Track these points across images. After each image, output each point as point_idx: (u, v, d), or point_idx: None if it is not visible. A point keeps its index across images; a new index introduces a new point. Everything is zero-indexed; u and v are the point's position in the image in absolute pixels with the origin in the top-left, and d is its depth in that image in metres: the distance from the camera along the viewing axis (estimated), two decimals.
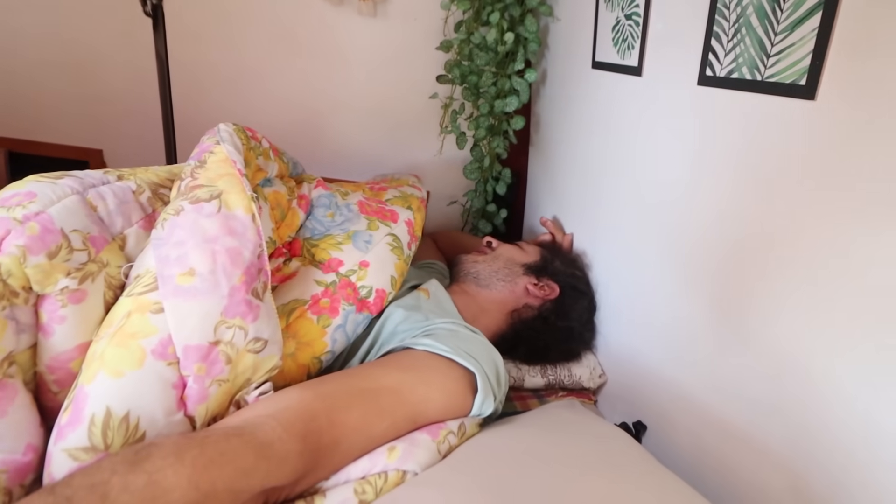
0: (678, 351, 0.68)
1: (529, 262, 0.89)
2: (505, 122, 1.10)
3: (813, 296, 0.48)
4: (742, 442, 0.57)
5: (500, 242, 0.96)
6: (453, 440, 0.60)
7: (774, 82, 0.50)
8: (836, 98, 0.45)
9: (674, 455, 0.68)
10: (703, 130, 0.62)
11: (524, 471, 0.54)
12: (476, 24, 1.02)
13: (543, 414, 0.73)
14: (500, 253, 0.92)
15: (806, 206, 0.49)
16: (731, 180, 0.58)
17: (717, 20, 0.58)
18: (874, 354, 0.43)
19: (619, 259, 0.84)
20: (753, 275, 0.55)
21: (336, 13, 1.10)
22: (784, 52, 0.49)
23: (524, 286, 0.85)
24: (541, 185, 1.18)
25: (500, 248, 0.94)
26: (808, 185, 0.49)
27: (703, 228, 0.63)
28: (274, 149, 0.82)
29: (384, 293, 0.74)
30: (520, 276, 0.87)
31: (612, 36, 0.81)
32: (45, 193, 0.53)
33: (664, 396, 0.71)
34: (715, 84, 0.59)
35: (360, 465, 0.52)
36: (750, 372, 0.56)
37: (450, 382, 0.63)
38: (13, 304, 0.48)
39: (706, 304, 0.63)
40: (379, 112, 1.20)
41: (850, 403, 0.45)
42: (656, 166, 0.72)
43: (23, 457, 0.46)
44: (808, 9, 0.46)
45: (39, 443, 0.48)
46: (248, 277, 0.56)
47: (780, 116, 0.51)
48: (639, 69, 0.74)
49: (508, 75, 1.04)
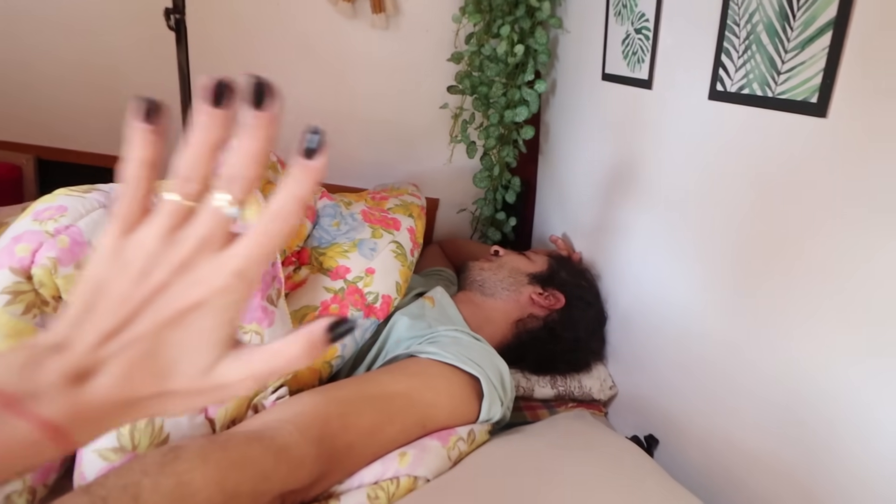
0: (690, 362, 0.69)
1: (535, 272, 0.89)
2: (515, 132, 1.11)
3: (824, 308, 0.49)
4: (754, 457, 0.58)
5: (507, 251, 0.96)
6: (463, 447, 0.61)
7: (786, 99, 0.51)
8: (848, 115, 0.46)
9: (686, 470, 0.68)
10: (714, 145, 0.63)
11: (537, 482, 0.54)
12: (487, 36, 1.04)
13: (554, 425, 0.73)
14: (506, 261, 0.92)
15: (816, 221, 0.49)
16: (743, 194, 0.58)
17: (727, 36, 0.59)
18: (889, 366, 0.43)
19: (630, 269, 0.84)
20: (765, 287, 0.56)
21: (350, 26, 1.12)
22: (795, 70, 0.50)
23: (529, 295, 0.86)
24: (550, 193, 1.19)
25: (506, 257, 0.93)
26: (818, 200, 0.49)
27: (714, 240, 0.64)
28: (281, 161, 0.84)
29: (390, 299, 0.75)
30: (524, 286, 0.87)
31: (622, 49, 0.82)
32: (75, 207, 0.55)
33: (676, 410, 0.71)
34: (726, 99, 0.60)
35: (372, 470, 0.53)
36: (763, 385, 0.56)
37: (455, 388, 0.65)
38: (43, 311, 0.49)
39: (718, 316, 0.63)
40: (391, 121, 1.22)
41: (865, 418, 0.45)
42: (667, 178, 0.73)
43: None
44: (819, 28, 0.47)
45: None
46: (263, 284, 0.57)
47: (791, 133, 0.51)
48: (649, 82, 0.75)
49: (518, 86, 1.06)
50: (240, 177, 0.23)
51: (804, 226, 0.51)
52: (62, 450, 0.22)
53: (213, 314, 0.23)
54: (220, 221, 0.23)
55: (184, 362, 0.23)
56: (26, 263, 0.50)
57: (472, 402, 0.65)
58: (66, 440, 0.22)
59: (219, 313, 0.23)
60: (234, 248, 0.23)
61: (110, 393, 0.22)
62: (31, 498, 0.47)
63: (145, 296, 0.23)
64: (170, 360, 0.23)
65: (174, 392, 0.23)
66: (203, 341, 0.23)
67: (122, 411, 0.23)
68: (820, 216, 0.49)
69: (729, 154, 0.61)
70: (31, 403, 0.21)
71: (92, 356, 0.22)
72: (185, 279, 0.23)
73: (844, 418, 0.47)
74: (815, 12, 0.47)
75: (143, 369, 0.23)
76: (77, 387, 0.22)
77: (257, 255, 0.23)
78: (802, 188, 0.51)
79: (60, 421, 0.21)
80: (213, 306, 0.23)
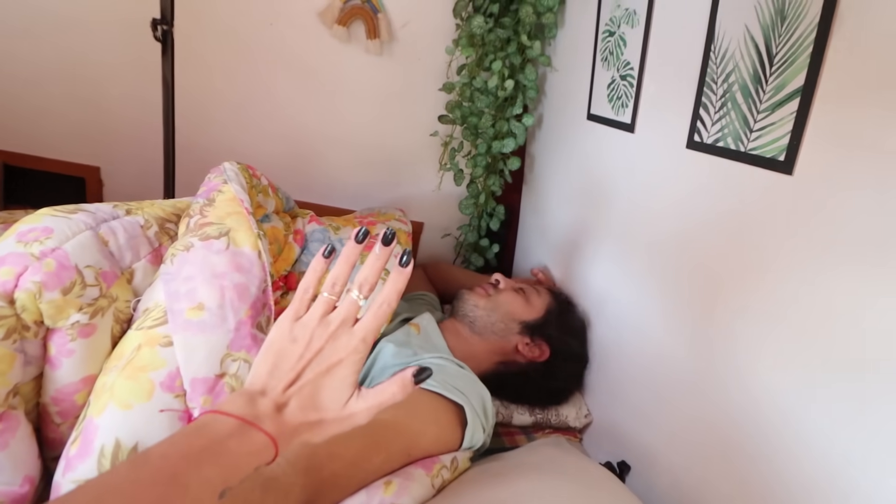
0: (661, 392, 0.72)
1: (528, 320, 0.87)
2: (501, 162, 1.15)
3: (787, 340, 0.52)
4: (720, 487, 0.60)
5: (506, 283, 0.93)
6: (447, 475, 0.62)
7: (756, 155, 0.55)
8: (813, 174, 0.50)
9: (657, 494, 0.70)
10: (690, 190, 0.67)
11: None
12: (478, 69, 1.08)
13: (532, 451, 0.74)
14: (502, 302, 0.88)
15: (782, 262, 0.53)
16: (715, 234, 0.62)
17: (705, 91, 0.63)
18: (845, 394, 0.46)
19: (606, 301, 0.88)
20: (732, 320, 0.59)
21: (343, 50, 1.14)
22: (766, 129, 0.54)
23: (516, 344, 0.86)
24: (532, 222, 1.22)
25: (503, 295, 0.90)
26: (780, 246, 0.53)
27: (687, 273, 0.67)
28: (271, 185, 0.85)
29: None
30: (514, 334, 0.86)
31: (607, 92, 0.86)
32: (61, 229, 0.54)
33: (648, 437, 0.74)
34: (702, 150, 0.64)
35: (357, 500, 0.53)
36: (726, 412, 0.59)
37: (441, 416, 0.66)
38: (24, 337, 0.49)
39: (687, 344, 0.66)
40: (381, 146, 1.24)
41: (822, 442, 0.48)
42: (643, 217, 0.77)
43: (20, 488, 0.46)
44: (788, 94, 0.51)
45: (36, 474, 0.49)
46: (254, 312, 0.58)
47: (761, 186, 0.55)
48: (632, 126, 0.79)
49: (507, 118, 1.09)
50: (367, 282, 0.40)
51: (770, 264, 0.54)
52: (275, 457, 0.34)
53: (348, 367, 0.38)
54: (353, 307, 0.40)
55: (332, 400, 0.37)
56: (10, 287, 0.49)
57: (456, 429, 0.66)
58: (278, 450, 0.34)
59: (351, 366, 0.38)
60: (360, 324, 0.39)
61: (295, 418, 0.36)
62: None
63: (310, 357, 0.37)
64: (325, 398, 0.37)
65: (327, 420, 0.37)
66: (343, 385, 0.37)
67: (301, 431, 0.36)
68: (782, 263, 0.53)
69: (702, 200, 0.64)
70: (260, 423, 0.34)
71: (283, 397, 0.36)
72: (332, 345, 0.38)
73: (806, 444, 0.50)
74: (785, 79, 0.52)
75: (311, 404, 0.37)
76: (279, 414, 0.36)
77: (373, 326, 0.39)
78: (766, 235, 0.55)
79: (275, 435, 0.34)
80: (349, 361, 0.38)
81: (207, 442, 0.31)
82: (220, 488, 0.30)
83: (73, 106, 1.14)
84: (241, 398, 0.35)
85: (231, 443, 0.32)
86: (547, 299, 0.91)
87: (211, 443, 0.31)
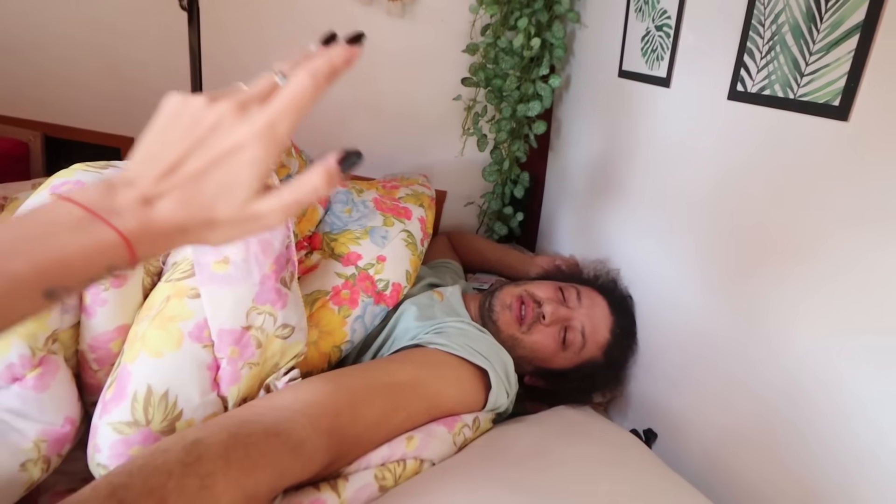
0: (688, 359, 0.69)
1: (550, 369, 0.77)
2: (526, 127, 1.11)
3: (830, 305, 0.49)
4: (750, 449, 0.58)
5: (554, 315, 0.75)
6: (468, 433, 0.62)
7: (807, 101, 0.51)
8: (870, 120, 0.46)
9: (684, 462, 0.69)
10: (732, 145, 0.63)
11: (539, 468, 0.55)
12: (503, 28, 1.03)
13: (555, 415, 0.74)
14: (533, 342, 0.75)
15: (830, 222, 0.50)
16: (759, 194, 0.59)
17: (751, 36, 0.58)
18: (889, 363, 0.44)
19: (637, 265, 0.85)
20: (772, 283, 0.56)
21: (365, 12, 1.11)
22: (819, 72, 0.50)
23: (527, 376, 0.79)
24: (558, 190, 1.19)
25: (539, 335, 0.75)
26: (833, 204, 0.50)
27: (725, 237, 0.64)
28: (295, 147, 0.84)
29: (400, 287, 0.76)
30: (526, 364, 0.77)
31: (641, 46, 0.82)
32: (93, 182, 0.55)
33: (675, 405, 0.72)
34: (745, 100, 0.60)
35: (380, 453, 0.54)
36: (763, 379, 0.57)
37: (463, 380, 0.66)
38: None
39: (723, 311, 0.64)
40: (403, 111, 1.22)
41: (861, 412, 0.46)
42: (682, 177, 0.73)
43: (61, 428, 0.48)
44: (846, 31, 0.47)
45: (77, 416, 0.50)
46: (277, 266, 0.58)
47: (811, 135, 0.52)
48: (667, 80, 0.75)
49: (533, 80, 1.05)
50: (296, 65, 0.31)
51: (818, 224, 0.51)
52: (130, 261, 0.28)
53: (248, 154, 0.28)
54: (267, 85, 0.31)
55: (227, 196, 0.29)
56: None
57: (479, 392, 0.66)
58: (132, 252, 0.28)
59: (252, 153, 0.28)
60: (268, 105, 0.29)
61: (169, 216, 0.28)
62: (46, 467, 0.47)
63: (195, 139, 0.28)
64: (213, 194, 0.29)
65: (218, 221, 0.29)
66: (240, 178, 0.28)
67: (177, 234, 0.29)
68: (832, 219, 0.49)
69: (745, 155, 0.61)
70: (112, 217, 0.27)
71: (154, 189, 0.28)
72: (229, 128, 0.29)
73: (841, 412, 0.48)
74: (842, 15, 0.47)
75: (194, 200, 0.29)
76: (145, 209, 0.28)
77: (287, 108, 0.29)
78: (818, 191, 0.51)
79: (131, 234, 0.27)
80: (249, 148, 0.28)
81: (38, 232, 0.26)
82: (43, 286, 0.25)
83: (106, 77, 1.14)
84: (99, 187, 0.28)
85: (66, 236, 0.26)
86: (592, 352, 0.76)
87: (41, 234, 0.26)
